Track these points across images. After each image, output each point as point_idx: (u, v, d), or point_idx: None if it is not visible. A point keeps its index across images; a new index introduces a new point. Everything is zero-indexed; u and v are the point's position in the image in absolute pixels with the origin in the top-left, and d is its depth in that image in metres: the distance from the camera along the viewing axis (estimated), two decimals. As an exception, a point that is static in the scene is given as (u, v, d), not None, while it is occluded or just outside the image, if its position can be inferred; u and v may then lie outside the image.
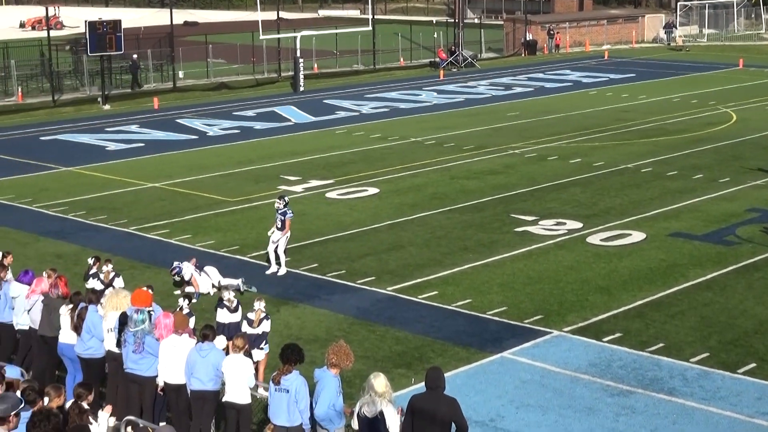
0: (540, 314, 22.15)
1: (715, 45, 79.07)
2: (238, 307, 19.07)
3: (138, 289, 17.54)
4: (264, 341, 18.39)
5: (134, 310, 16.19)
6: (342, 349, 14.05)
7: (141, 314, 16.05)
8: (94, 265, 21.19)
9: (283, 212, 24.71)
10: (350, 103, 52.52)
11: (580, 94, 54.78)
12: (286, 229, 24.74)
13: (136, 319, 15.98)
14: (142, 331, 15.92)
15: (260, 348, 18.32)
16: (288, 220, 24.75)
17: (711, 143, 40.21)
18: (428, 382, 13.35)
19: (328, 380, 14.00)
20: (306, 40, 62.71)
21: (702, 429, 16.95)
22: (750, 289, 23.58)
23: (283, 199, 25.06)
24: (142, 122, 47.38)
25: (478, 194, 32.49)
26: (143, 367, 16.05)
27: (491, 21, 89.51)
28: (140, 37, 62.85)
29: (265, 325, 18.36)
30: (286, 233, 24.80)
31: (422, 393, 13.47)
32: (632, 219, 29.50)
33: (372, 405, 13.43)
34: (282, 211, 24.70)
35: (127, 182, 34.88)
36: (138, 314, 16.04)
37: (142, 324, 15.93)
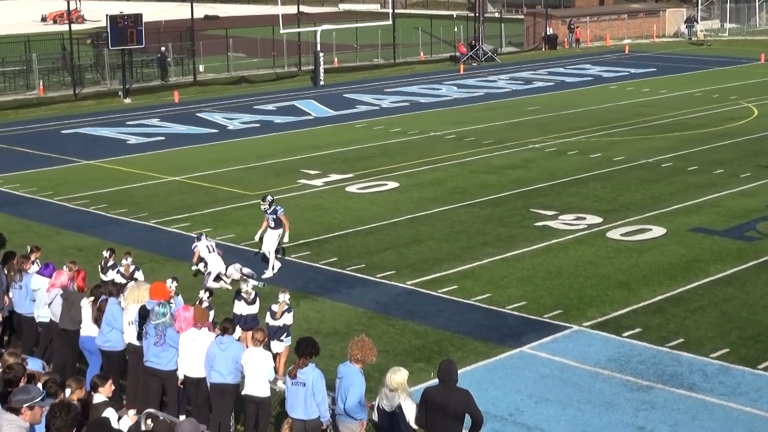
0: (559, 309, 22.13)
1: (737, 39, 78.73)
2: (256, 300, 19.16)
3: (156, 282, 17.63)
4: (285, 333, 18.47)
5: (156, 303, 16.27)
6: (366, 344, 14.05)
7: (163, 307, 16.12)
8: (110, 257, 21.27)
9: (273, 211, 24.57)
10: (370, 97, 52.54)
11: (600, 89, 54.65)
12: (284, 225, 24.61)
13: (157, 311, 16.05)
14: (163, 324, 15.98)
15: (281, 340, 18.40)
16: (282, 216, 24.65)
17: (732, 138, 40.07)
18: (440, 375, 13.38)
19: (356, 375, 13.95)
20: (326, 34, 62.72)
21: (722, 425, 16.92)
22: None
23: (266, 200, 24.85)
24: (162, 116, 47.52)
25: (497, 189, 32.47)
26: (164, 361, 16.11)
27: (512, 15, 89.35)
28: (161, 30, 63.01)
29: (286, 318, 18.45)
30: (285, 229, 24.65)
31: (435, 385, 13.50)
32: (652, 214, 29.42)
33: (391, 399, 13.47)
34: (272, 210, 24.56)
35: (147, 176, 34.99)
36: (160, 307, 16.11)
37: (163, 317, 15.99)
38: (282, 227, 24.64)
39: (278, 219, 24.53)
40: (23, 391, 11.17)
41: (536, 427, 16.91)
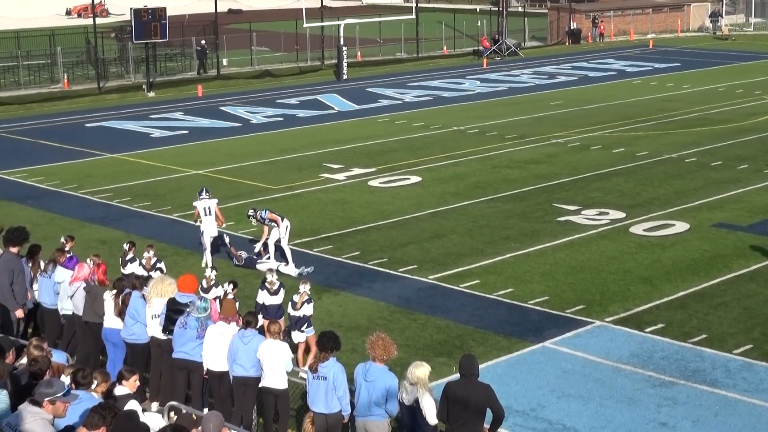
0: (582, 304, 22.10)
1: (762, 34, 78.29)
2: (279, 290, 19.20)
3: (185, 275, 17.70)
4: (306, 324, 18.54)
5: (198, 298, 16.42)
6: (386, 342, 13.99)
7: (204, 302, 16.25)
8: (130, 250, 21.33)
9: (261, 219, 24.62)
10: (393, 91, 52.52)
11: (623, 84, 54.46)
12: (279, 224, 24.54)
13: (199, 306, 16.14)
14: (206, 317, 16.08)
15: (302, 330, 18.48)
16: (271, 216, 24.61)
17: (756, 133, 39.88)
18: (462, 370, 13.39)
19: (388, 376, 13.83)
20: (349, 28, 62.74)
21: (745, 421, 16.86)
22: (795, 281, 23.39)
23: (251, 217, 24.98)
24: (186, 110, 47.65)
25: (520, 183, 32.42)
26: (197, 354, 16.15)
27: (535, 9, 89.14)
28: (185, 24, 63.16)
29: (306, 309, 18.52)
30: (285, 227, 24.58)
31: (457, 380, 13.52)
32: (676, 209, 29.33)
33: (410, 393, 13.49)
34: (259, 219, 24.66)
35: (171, 169, 35.10)
36: (202, 302, 16.22)
37: (205, 312, 16.11)
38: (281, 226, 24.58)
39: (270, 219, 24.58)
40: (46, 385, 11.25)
41: (558, 422, 16.90)
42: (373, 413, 13.90)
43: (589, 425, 16.78)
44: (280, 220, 24.55)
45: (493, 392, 13.31)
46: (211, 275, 19.60)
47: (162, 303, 16.96)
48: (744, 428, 16.65)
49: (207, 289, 19.70)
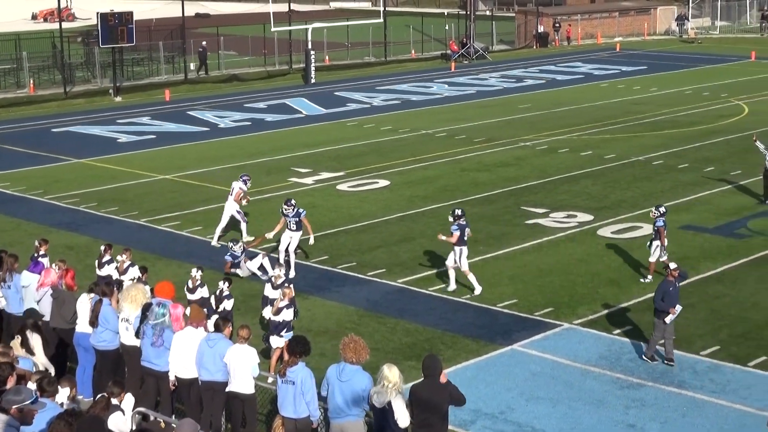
0: (550, 307, 22.16)
1: (728, 37, 78.84)
2: (283, 285, 19.25)
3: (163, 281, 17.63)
4: (285, 329, 18.53)
5: (156, 303, 16.25)
6: (358, 344, 13.94)
7: (162, 308, 16.08)
8: (106, 253, 21.27)
9: (296, 213, 24.42)
10: (361, 95, 52.52)
11: (591, 87, 54.70)
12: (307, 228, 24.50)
13: (156, 312, 16.01)
14: (161, 324, 15.95)
15: (280, 335, 18.46)
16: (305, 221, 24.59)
17: (723, 136, 40.13)
18: (424, 370, 13.40)
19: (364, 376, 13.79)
20: (317, 32, 62.69)
21: (712, 422, 16.95)
22: (761, 282, 23.55)
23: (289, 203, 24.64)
24: (153, 114, 47.45)
25: (489, 186, 32.48)
26: (161, 362, 16.03)
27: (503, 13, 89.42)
28: (152, 28, 62.92)
29: (286, 314, 18.51)
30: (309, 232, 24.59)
31: (420, 381, 13.51)
32: (643, 212, 29.40)
33: (382, 395, 13.46)
34: (294, 213, 24.41)
35: (138, 174, 34.94)
36: (159, 308, 16.07)
37: (162, 317, 15.96)
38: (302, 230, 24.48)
39: (300, 222, 24.40)
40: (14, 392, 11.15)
41: (527, 424, 16.92)
42: (349, 413, 13.86)
43: (558, 427, 16.81)
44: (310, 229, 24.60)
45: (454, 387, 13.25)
46: (197, 275, 19.62)
47: (132, 309, 16.85)
48: (711, 429, 16.73)
49: (192, 289, 19.73)
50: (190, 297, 19.74)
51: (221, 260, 24.55)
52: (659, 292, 19.21)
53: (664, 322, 19.03)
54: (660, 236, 23.59)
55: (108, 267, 21.01)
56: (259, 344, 18.53)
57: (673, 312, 19.00)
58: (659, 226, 23.59)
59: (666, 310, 19.01)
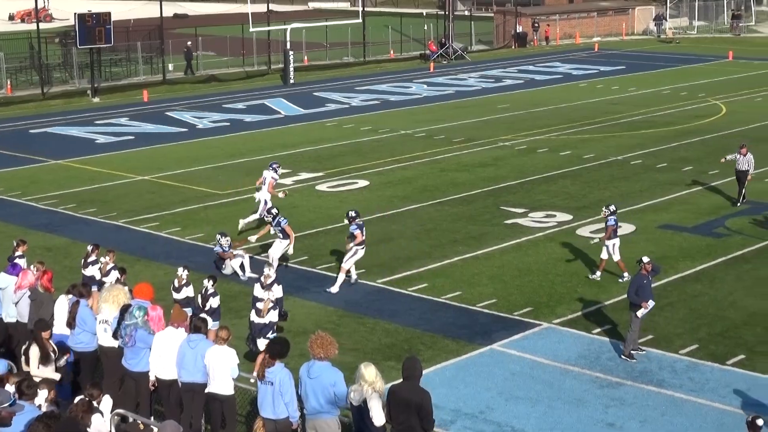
0: (530, 306, 22.19)
1: (706, 37, 79.17)
2: (272, 285, 19.30)
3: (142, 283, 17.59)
4: (271, 331, 18.54)
5: (135, 305, 16.22)
6: (324, 340, 13.96)
7: (138, 310, 16.04)
8: (92, 253, 21.20)
9: (277, 222, 24.25)
10: (340, 95, 52.49)
11: (570, 87, 54.81)
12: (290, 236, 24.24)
13: (130, 313, 15.98)
14: (134, 325, 15.89)
15: (266, 337, 18.45)
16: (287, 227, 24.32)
17: (700, 136, 40.29)
18: (404, 372, 13.40)
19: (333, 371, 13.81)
20: (296, 32, 62.60)
21: (691, 420, 17.00)
22: (739, 281, 23.64)
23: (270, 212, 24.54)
24: (131, 115, 47.29)
25: (468, 186, 32.51)
26: (134, 362, 15.99)
27: (481, 13, 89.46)
28: (130, 29, 62.70)
29: (272, 316, 18.51)
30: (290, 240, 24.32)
31: (399, 382, 13.51)
32: (622, 211, 29.46)
33: (359, 393, 13.45)
34: (275, 222, 24.26)
35: (116, 175, 34.82)
36: (135, 309, 16.04)
37: (135, 319, 15.91)
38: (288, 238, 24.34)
39: (284, 230, 24.26)
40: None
41: (507, 424, 16.94)
42: (321, 411, 13.85)
43: (538, 427, 16.84)
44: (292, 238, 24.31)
45: (430, 400, 13.22)
46: (183, 274, 19.61)
47: (111, 310, 16.79)
48: (690, 428, 16.79)
49: (178, 288, 19.69)
50: (176, 296, 19.74)
51: (200, 261, 24.49)
52: (633, 285, 19.43)
53: (637, 315, 19.16)
54: (606, 233, 23.65)
55: (93, 267, 20.96)
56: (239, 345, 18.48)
57: (645, 306, 19.14)
58: (610, 225, 23.64)
59: (639, 304, 19.14)
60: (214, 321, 18.92)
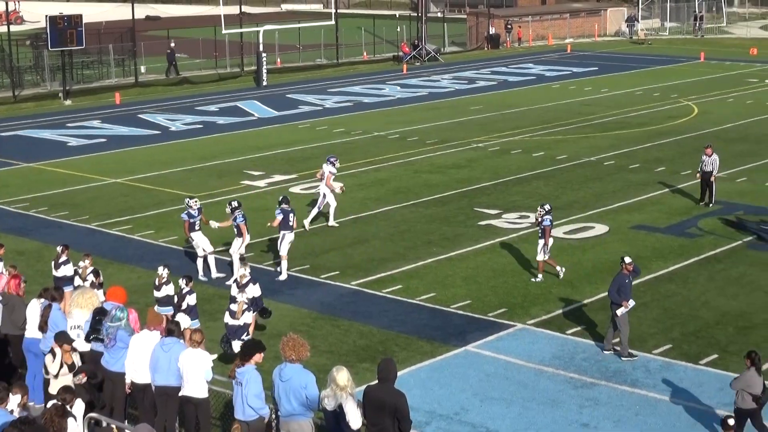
0: (504, 307, 22.21)
1: (677, 38, 79.53)
2: (247, 285, 19.38)
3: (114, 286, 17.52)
4: (245, 333, 18.49)
5: (116, 307, 16.16)
6: (296, 342, 13.94)
7: (121, 311, 16.02)
8: (63, 253, 21.11)
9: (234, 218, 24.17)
10: (313, 97, 52.43)
11: (543, 88, 54.93)
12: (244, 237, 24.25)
13: (114, 315, 15.93)
14: (116, 327, 15.84)
15: (241, 339, 18.40)
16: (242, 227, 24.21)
17: (673, 136, 40.46)
18: (379, 373, 13.40)
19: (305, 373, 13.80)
20: (269, 34, 62.49)
21: (665, 420, 17.06)
22: (712, 281, 23.75)
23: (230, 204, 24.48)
24: (103, 117, 47.09)
25: (441, 188, 32.52)
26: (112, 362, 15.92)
27: (454, 15, 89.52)
28: (102, 31, 62.44)
29: (246, 317, 18.47)
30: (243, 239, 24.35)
31: (374, 384, 13.50)
32: (595, 212, 29.63)
33: (333, 398, 13.42)
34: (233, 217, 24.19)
35: (88, 178, 34.66)
36: (118, 311, 15.99)
37: (119, 321, 15.87)
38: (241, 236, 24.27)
39: (239, 227, 24.16)
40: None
41: (481, 425, 16.95)
42: (294, 413, 13.83)
43: (512, 428, 16.85)
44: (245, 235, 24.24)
45: (406, 402, 13.22)
46: (163, 273, 19.61)
47: (82, 314, 16.72)
48: (664, 427, 16.85)
49: (158, 286, 19.67)
50: (156, 294, 19.75)
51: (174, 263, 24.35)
52: (614, 284, 19.52)
53: (616, 314, 19.22)
54: (545, 235, 23.67)
55: (65, 267, 20.89)
56: (213, 348, 18.43)
57: (625, 305, 19.22)
58: (545, 225, 23.65)
59: (620, 303, 19.19)
60: (193, 319, 18.90)
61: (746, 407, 15.78)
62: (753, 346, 19.83)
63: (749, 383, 15.78)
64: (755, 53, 67.74)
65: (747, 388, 15.78)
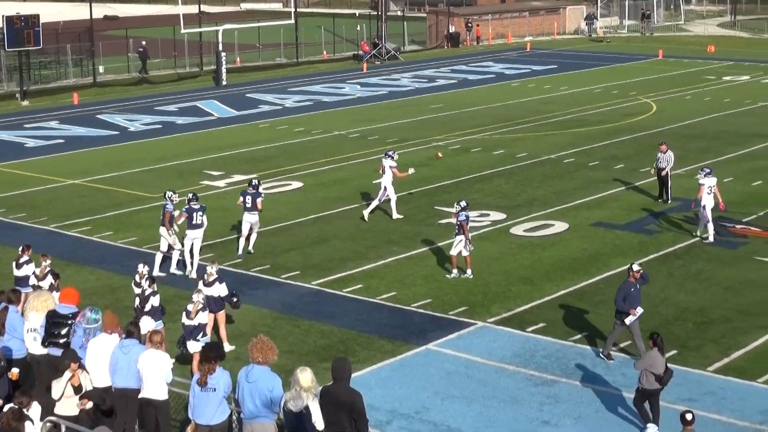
0: (464, 306, 22.23)
1: (636, 36, 79.97)
2: (214, 283, 19.45)
3: (67, 287, 17.37)
4: (201, 333, 18.39)
5: (89, 309, 16.09)
6: (265, 344, 13.89)
7: (95, 313, 15.91)
8: (24, 253, 20.99)
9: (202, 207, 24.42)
10: (273, 96, 52.30)
11: (502, 86, 55.07)
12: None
13: (89, 317, 15.84)
14: (95, 329, 15.75)
15: (197, 340, 18.28)
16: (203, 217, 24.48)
17: (631, 134, 40.67)
18: (333, 373, 13.34)
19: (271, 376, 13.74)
20: (228, 33, 62.28)
21: (624, 416, 17.12)
22: (671, 277, 23.88)
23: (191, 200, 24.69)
24: (61, 118, 46.75)
25: (402, 187, 32.45)
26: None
27: (414, 13, 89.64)
28: (59, 31, 61.98)
29: (201, 317, 18.37)
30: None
31: (330, 384, 13.45)
32: (555, 209, 29.73)
33: (298, 399, 13.36)
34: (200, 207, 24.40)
35: (46, 179, 34.39)
36: (92, 313, 15.89)
37: (95, 323, 15.77)
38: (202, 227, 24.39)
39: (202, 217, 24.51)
40: None
41: (443, 423, 16.95)
42: (259, 415, 13.77)
43: (473, 426, 16.87)
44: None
45: (361, 400, 13.16)
46: (143, 271, 19.57)
47: (38, 317, 16.58)
48: (623, 423, 16.92)
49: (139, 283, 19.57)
50: (137, 291, 19.61)
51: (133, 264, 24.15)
52: (621, 293, 19.06)
53: (623, 323, 18.95)
54: (463, 230, 23.72)
55: (26, 267, 20.81)
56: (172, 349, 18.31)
57: (633, 313, 18.83)
58: (461, 221, 23.72)
59: (626, 311, 18.92)
60: (156, 321, 18.77)
61: (650, 387, 16.38)
62: (711, 342, 20.08)
63: (652, 363, 16.34)
64: (713, 50, 68.26)
65: (650, 368, 16.32)
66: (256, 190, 25.72)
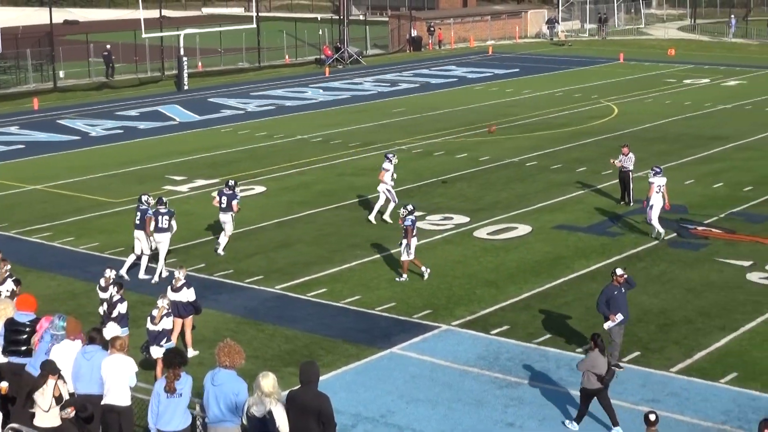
0: (428, 309, 22.24)
1: (597, 40, 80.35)
2: (182, 288, 19.52)
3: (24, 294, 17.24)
4: (165, 339, 18.31)
5: (57, 316, 15.95)
6: (232, 348, 13.85)
7: (62, 320, 15.77)
8: None
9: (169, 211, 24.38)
10: (235, 101, 52.16)
11: (465, 90, 55.19)
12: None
13: (57, 324, 15.72)
14: (60, 336, 15.63)
15: (161, 345, 18.21)
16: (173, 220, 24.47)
17: (593, 137, 40.87)
18: (300, 376, 13.29)
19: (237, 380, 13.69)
20: (190, 38, 62.07)
21: (588, 417, 17.16)
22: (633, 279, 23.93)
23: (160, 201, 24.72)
24: (21, 123, 46.40)
25: (365, 190, 32.49)
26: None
27: (376, 17, 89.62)
28: (19, 36, 61.54)
29: (166, 323, 18.30)
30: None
31: (297, 388, 13.41)
32: (518, 212, 29.82)
33: (261, 405, 13.31)
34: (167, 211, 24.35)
35: (7, 185, 34.11)
36: (60, 320, 15.76)
37: (62, 330, 15.66)
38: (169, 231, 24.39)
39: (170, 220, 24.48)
40: None
41: (408, 427, 16.94)
42: (224, 419, 13.71)
43: (438, 428, 16.87)
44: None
45: (329, 404, 13.14)
46: (110, 275, 19.57)
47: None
48: (588, 425, 16.96)
49: (105, 288, 19.51)
50: (102, 296, 19.47)
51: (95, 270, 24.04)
52: (603, 296, 18.93)
53: (604, 327, 18.80)
54: (407, 235, 23.78)
55: None
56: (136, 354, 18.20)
57: (612, 319, 18.70)
58: (407, 225, 23.78)
59: (608, 316, 18.84)
60: (123, 327, 18.67)
61: (592, 387, 16.57)
62: (673, 343, 20.19)
63: (594, 364, 16.50)
64: (673, 54, 68.72)
65: (592, 369, 16.49)
66: (232, 191, 25.89)
